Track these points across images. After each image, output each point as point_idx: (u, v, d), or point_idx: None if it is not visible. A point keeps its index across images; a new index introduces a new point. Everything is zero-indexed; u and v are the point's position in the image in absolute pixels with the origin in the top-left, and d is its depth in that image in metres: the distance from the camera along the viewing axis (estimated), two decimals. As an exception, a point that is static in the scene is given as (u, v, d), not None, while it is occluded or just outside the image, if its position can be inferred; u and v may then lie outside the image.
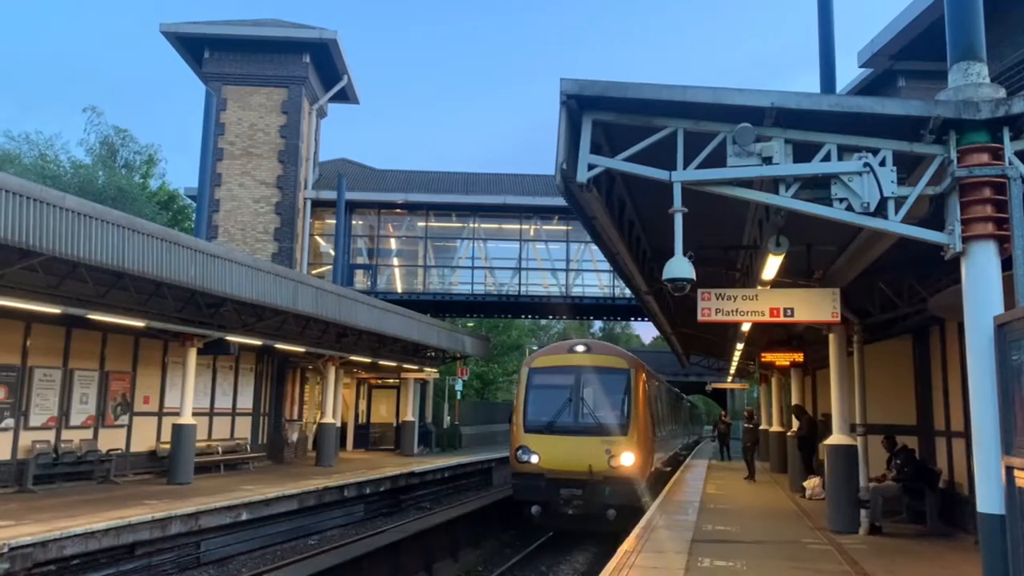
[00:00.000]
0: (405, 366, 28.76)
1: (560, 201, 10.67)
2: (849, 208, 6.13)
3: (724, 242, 10.80)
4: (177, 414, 17.46)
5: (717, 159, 6.36)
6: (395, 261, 29.87)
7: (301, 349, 21.31)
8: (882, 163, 6.08)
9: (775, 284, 9.89)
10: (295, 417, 26.50)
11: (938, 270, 9.38)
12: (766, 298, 9.53)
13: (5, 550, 9.62)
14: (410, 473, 22.28)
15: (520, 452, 15.79)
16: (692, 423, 47.98)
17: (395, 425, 31.90)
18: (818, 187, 6.30)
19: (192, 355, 17.24)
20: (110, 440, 17.26)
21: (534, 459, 15.59)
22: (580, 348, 16.93)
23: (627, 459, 15.29)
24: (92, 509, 12.53)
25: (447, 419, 40.98)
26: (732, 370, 30.08)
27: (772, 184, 6.40)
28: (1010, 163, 5.74)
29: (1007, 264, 5.67)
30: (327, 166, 30.68)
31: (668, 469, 22.84)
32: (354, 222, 28.97)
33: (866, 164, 6.07)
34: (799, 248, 9.28)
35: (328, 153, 42.46)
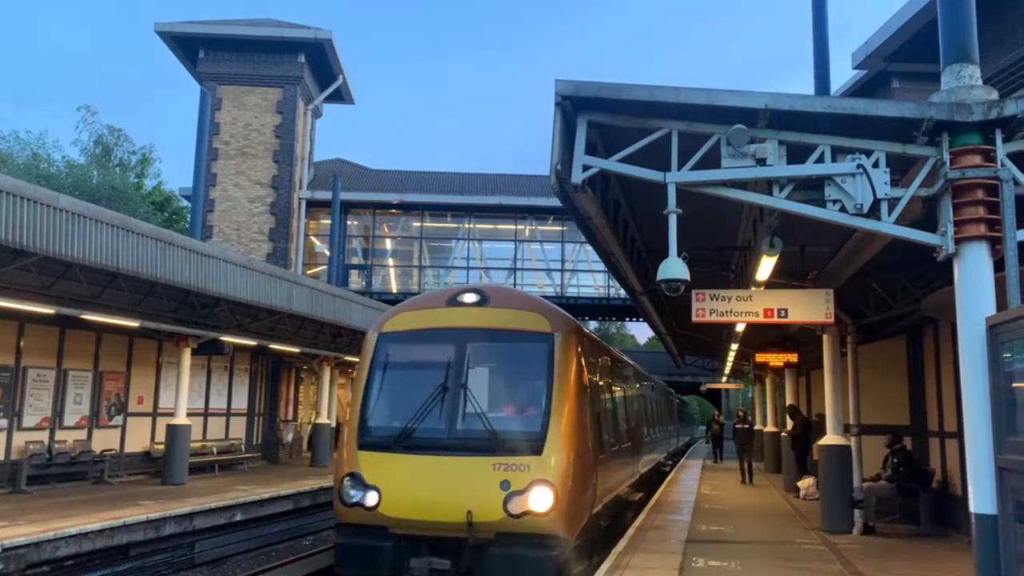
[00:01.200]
0: (400, 366, 28.70)
1: (555, 202, 10.70)
2: (843, 209, 6.16)
3: (718, 243, 10.82)
4: (171, 414, 17.41)
5: (711, 160, 6.37)
6: (390, 261, 29.88)
7: (296, 349, 21.28)
8: (875, 165, 6.10)
9: (769, 285, 9.92)
10: (290, 417, 26.47)
11: (931, 271, 9.42)
12: (760, 299, 9.56)
13: (-2, 551, 9.60)
14: (405, 473, 22.24)
15: (347, 485, 8.47)
16: (681, 423, 41.07)
17: (390, 425, 31.82)
18: (812, 188, 6.32)
19: (186, 355, 17.21)
20: (104, 440, 17.21)
21: (371, 499, 8.32)
22: (469, 297, 9.39)
23: (540, 499, 8.01)
24: (86, 510, 12.49)
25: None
26: (727, 371, 30.15)
27: (766, 185, 6.42)
28: (1002, 165, 5.77)
29: (999, 265, 5.70)
30: (322, 166, 30.65)
31: (639, 496, 15.24)
32: (349, 222, 28.95)
33: (859, 166, 6.09)
34: (793, 249, 9.29)
35: (323, 153, 42.50)
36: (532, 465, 8.10)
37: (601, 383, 10.76)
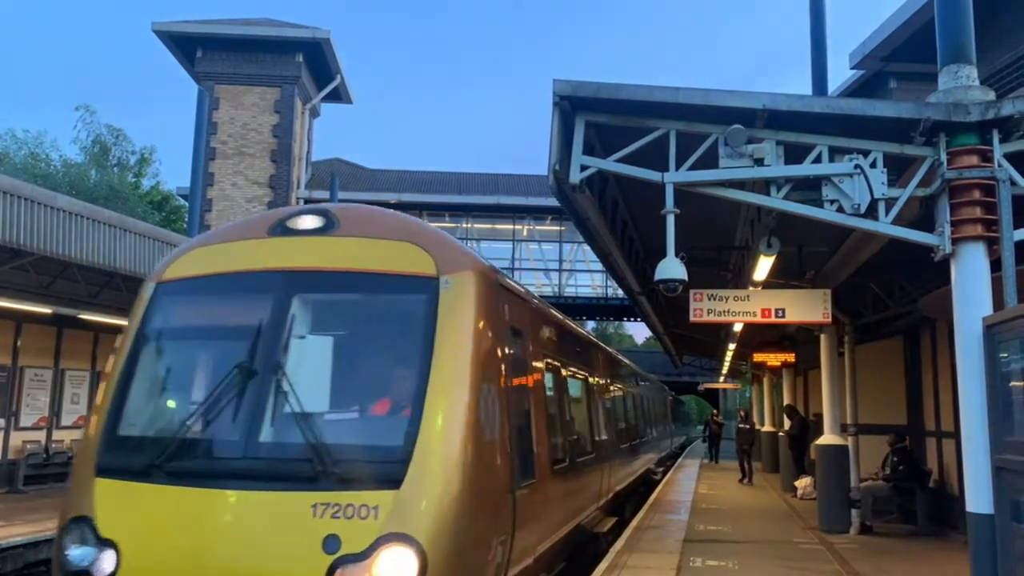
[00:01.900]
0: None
1: (553, 201, 10.67)
2: (840, 209, 6.16)
3: (716, 243, 10.83)
4: (169, 414, 17.40)
5: (709, 160, 6.38)
6: (388, 261, 29.81)
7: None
8: (873, 165, 6.11)
9: (767, 285, 9.94)
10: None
11: (928, 271, 9.43)
12: (757, 299, 9.58)
13: (-5, 551, 9.60)
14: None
15: (68, 540, 4.98)
16: (676, 423, 38.57)
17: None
18: (809, 188, 6.33)
19: (184, 355, 17.19)
20: (101, 440, 17.19)
21: (105, 565, 4.79)
22: (307, 222, 5.81)
23: (394, 569, 4.53)
24: (83, 509, 12.48)
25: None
26: (724, 370, 30.18)
27: (764, 185, 6.43)
28: (999, 165, 5.78)
29: (996, 265, 5.71)
30: (320, 166, 30.65)
31: (610, 525, 10.99)
32: (347, 222, 28.93)
33: (857, 166, 6.10)
34: (790, 249, 9.32)
35: (321, 153, 42.49)
36: (383, 507, 4.63)
37: (537, 366, 7.17)
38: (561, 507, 7.61)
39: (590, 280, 29.22)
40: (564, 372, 8.71)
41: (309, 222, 5.76)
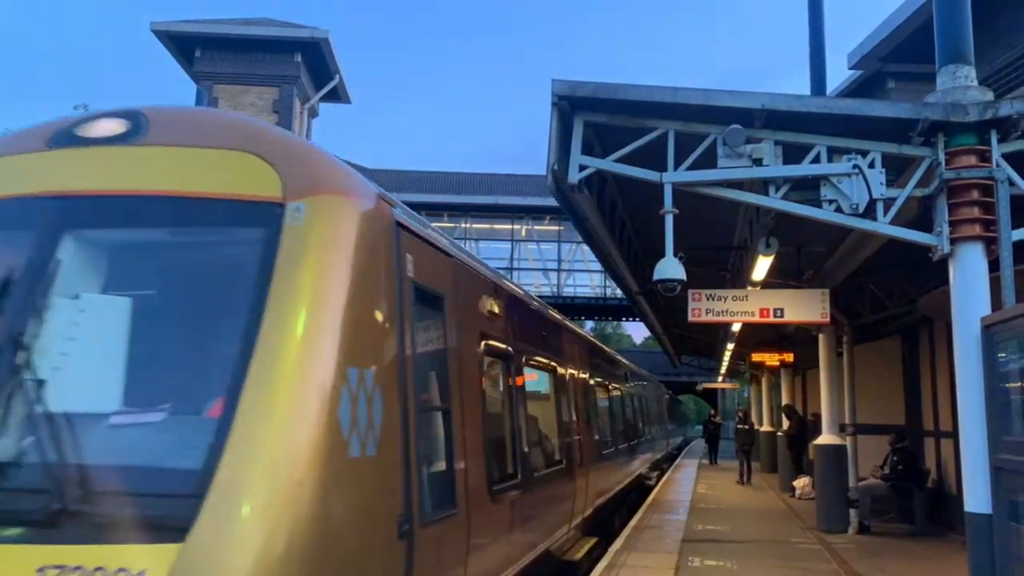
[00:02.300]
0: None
1: (552, 201, 10.66)
2: (838, 210, 6.17)
3: (715, 243, 10.84)
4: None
5: (708, 160, 6.38)
6: (387, 261, 29.82)
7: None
8: (871, 165, 6.12)
9: (765, 285, 9.95)
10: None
11: (927, 271, 9.45)
12: (756, 299, 9.59)
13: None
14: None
15: None
16: (673, 423, 37.76)
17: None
18: (808, 188, 6.34)
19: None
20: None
21: None
22: (102, 128, 3.90)
23: None
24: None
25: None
26: (723, 370, 30.19)
27: (762, 185, 6.43)
28: (997, 165, 5.79)
29: (994, 265, 5.72)
30: (319, 166, 30.62)
31: (589, 547, 9.82)
32: (346, 222, 28.93)
33: (855, 166, 6.11)
34: (789, 249, 9.33)
35: (320, 152, 42.58)
36: (154, 571, 2.83)
37: (469, 348, 5.35)
38: (507, 539, 5.81)
39: (589, 280, 29.25)
40: (520, 360, 6.82)
41: (106, 127, 3.97)
